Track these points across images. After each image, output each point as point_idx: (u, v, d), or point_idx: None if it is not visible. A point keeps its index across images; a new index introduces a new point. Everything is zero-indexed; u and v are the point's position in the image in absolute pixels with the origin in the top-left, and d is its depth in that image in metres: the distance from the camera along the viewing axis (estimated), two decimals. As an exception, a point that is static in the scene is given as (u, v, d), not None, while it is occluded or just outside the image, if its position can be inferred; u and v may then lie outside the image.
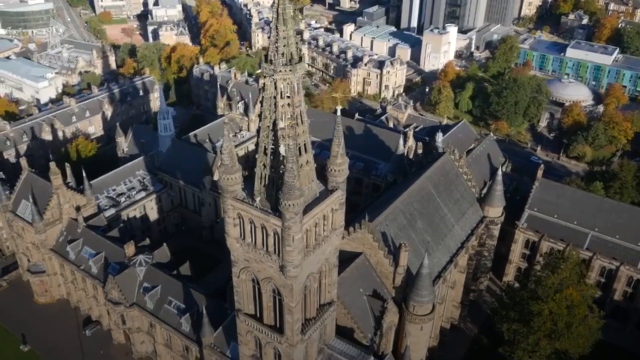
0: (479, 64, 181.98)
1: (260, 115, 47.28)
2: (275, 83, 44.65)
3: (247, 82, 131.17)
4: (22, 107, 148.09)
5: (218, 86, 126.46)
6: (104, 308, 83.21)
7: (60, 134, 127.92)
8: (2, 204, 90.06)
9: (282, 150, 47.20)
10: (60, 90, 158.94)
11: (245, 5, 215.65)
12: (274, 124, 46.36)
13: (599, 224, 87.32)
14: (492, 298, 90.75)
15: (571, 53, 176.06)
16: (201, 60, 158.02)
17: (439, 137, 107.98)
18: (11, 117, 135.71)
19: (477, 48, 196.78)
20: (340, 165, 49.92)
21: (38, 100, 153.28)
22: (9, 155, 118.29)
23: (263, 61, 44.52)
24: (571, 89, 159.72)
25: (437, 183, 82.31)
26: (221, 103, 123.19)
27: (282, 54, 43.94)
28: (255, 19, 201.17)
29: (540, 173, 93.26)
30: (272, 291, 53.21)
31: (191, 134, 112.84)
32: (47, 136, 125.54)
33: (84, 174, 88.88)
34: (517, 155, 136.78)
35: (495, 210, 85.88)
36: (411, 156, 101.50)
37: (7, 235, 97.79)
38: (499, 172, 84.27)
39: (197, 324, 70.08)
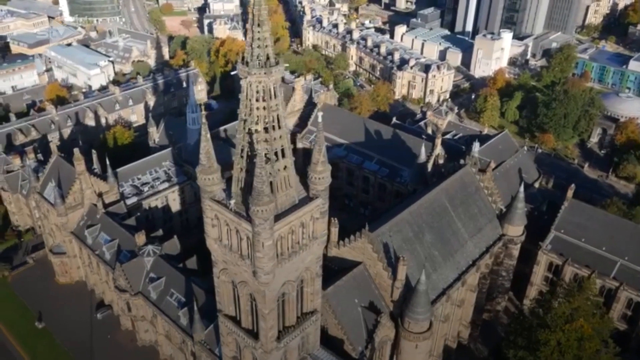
0: (533, 72, 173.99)
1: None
2: (250, 85, 43.71)
3: (283, 79, 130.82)
4: (74, 93, 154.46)
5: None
6: (114, 294, 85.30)
7: (103, 120, 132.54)
8: (31, 185, 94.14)
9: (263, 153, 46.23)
10: (111, 78, 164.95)
11: (300, 3, 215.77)
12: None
13: (629, 252, 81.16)
14: (509, 320, 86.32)
15: (634, 66, 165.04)
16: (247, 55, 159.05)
17: (476, 147, 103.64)
18: (62, 101, 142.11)
19: (534, 56, 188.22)
20: (320, 173, 48.45)
21: (90, 86, 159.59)
22: (53, 138, 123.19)
23: (239, 62, 43.64)
24: (629, 104, 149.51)
25: (453, 196, 79.00)
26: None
27: (258, 56, 42.88)
28: (307, 17, 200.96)
29: (570, 193, 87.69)
30: (248, 295, 52.53)
31: (221, 128, 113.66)
32: (90, 122, 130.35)
33: (108, 162, 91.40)
34: (563, 170, 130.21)
35: (516, 229, 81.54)
36: (437, 165, 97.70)
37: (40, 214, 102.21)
38: (521, 189, 79.83)
39: (193, 318, 70.39)
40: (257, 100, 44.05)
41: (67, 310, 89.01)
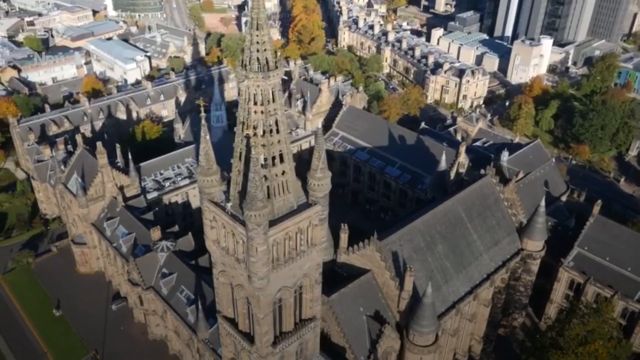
0: (573, 81, 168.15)
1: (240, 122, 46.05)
2: (248, 88, 43.30)
3: (311, 80, 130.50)
4: (109, 86, 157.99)
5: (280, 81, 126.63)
6: (129, 286, 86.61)
7: (134, 114, 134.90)
8: (57, 176, 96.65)
9: (260, 158, 45.83)
10: (147, 73, 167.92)
11: (338, 3, 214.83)
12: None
13: (657, 274, 77.39)
14: (524, 337, 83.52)
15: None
16: (278, 54, 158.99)
17: (504, 155, 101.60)
18: (97, 94, 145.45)
19: (575, 64, 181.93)
20: (320, 180, 47.65)
21: (125, 80, 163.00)
22: (85, 130, 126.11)
23: (239, 65, 43.26)
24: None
25: (470, 206, 76.85)
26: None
27: (257, 60, 42.41)
28: (344, 17, 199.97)
29: (597, 208, 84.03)
30: (245, 298, 52.24)
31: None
32: (122, 115, 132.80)
33: (130, 156, 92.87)
34: (597, 184, 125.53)
35: (535, 244, 78.80)
36: (459, 173, 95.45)
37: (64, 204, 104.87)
38: (542, 203, 77.01)
39: (198, 316, 70.71)
40: (255, 103, 43.59)
41: (84, 300, 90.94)
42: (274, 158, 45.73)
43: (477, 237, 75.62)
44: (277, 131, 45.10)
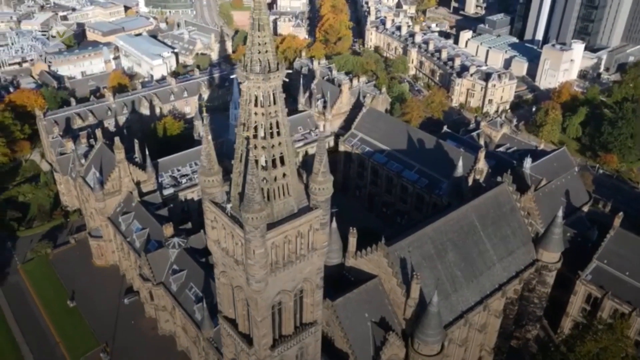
0: (604, 87, 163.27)
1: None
2: (248, 90, 42.87)
3: (333, 80, 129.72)
4: (134, 82, 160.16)
5: (301, 80, 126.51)
6: (140, 281, 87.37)
7: (157, 110, 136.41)
8: (76, 169, 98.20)
9: (261, 160, 45.40)
10: (173, 69, 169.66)
11: (367, 3, 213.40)
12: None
13: (679, 292, 74.38)
14: (536, 351, 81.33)
15: None
16: (303, 53, 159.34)
17: (527, 162, 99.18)
18: (122, 89, 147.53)
19: (607, 69, 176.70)
20: (321, 184, 46.83)
21: (151, 76, 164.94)
22: (109, 124, 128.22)
23: (240, 66, 42.86)
24: None
25: (484, 214, 75.05)
26: (302, 98, 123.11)
27: (258, 61, 41.93)
28: (371, 17, 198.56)
29: (617, 221, 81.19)
30: (244, 300, 51.92)
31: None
32: (145, 111, 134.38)
33: (147, 152, 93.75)
34: (624, 194, 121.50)
35: (551, 256, 76.51)
36: (476, 179, 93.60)
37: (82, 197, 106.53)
38: (559, 213, 74.60)
39: (203, 315, 70.78)
40: (255, 105, 43.14)
41: (98, 292, 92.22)
42: (274, 160, 45.18)
43: (490, 246, 73.81)
44: (278, 133, 44.50)
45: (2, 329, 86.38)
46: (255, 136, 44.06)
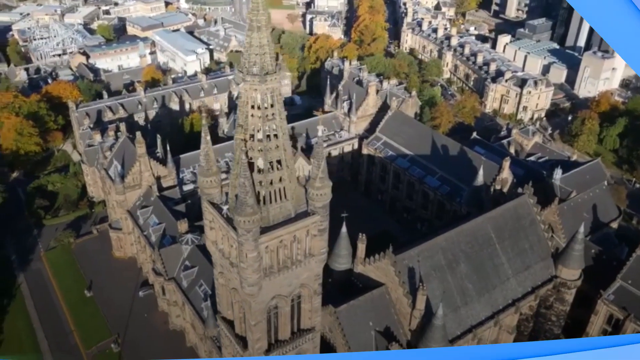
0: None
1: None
2: (246, 92, 42.32)
3: (360, 82, 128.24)
4: (166, 77, 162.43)
5: (328, 81, 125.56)
6: (153, 275, 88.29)
7: (187, 105, 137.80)
8: (99, 162, 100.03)
9: (260, 163, 44.86)
10: (206, 65, 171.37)
11: (404, 4, 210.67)
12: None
13: None
14: (553, 370, 78.21)
15: None
16: (335, 53, 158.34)
17: (558, 173, 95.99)
18: (155, 84, 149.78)
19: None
20: (319, 190, 45.94)
21: (185, 72, 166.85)
22: (139, 118, 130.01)
23: (237, 68, 42.31)
24: None
25: (501, 226, 72.69)
26: (328, 99, 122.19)
27: (255, 63, 41.29)
28: (408, 19, 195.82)
29: (646, 240, 77.46)
30: (240, 302, 51.49)
31: (289, 125, 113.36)
32: (175, 106, 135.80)
33: (168, 147, 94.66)
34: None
35: (571, 273, 73.52)
36: (497, 189, 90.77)
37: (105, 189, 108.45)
38: (581, 229, 71.38)
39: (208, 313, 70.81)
40: (252, 107, 42.57)
41: (115, 284, 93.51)
42: (271, 163, 44.52)
43: (505, 260, 71.43)
44: (276, 136, 43.81)
45: (22, 314, 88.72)
46: (252, 138, 43.49)
